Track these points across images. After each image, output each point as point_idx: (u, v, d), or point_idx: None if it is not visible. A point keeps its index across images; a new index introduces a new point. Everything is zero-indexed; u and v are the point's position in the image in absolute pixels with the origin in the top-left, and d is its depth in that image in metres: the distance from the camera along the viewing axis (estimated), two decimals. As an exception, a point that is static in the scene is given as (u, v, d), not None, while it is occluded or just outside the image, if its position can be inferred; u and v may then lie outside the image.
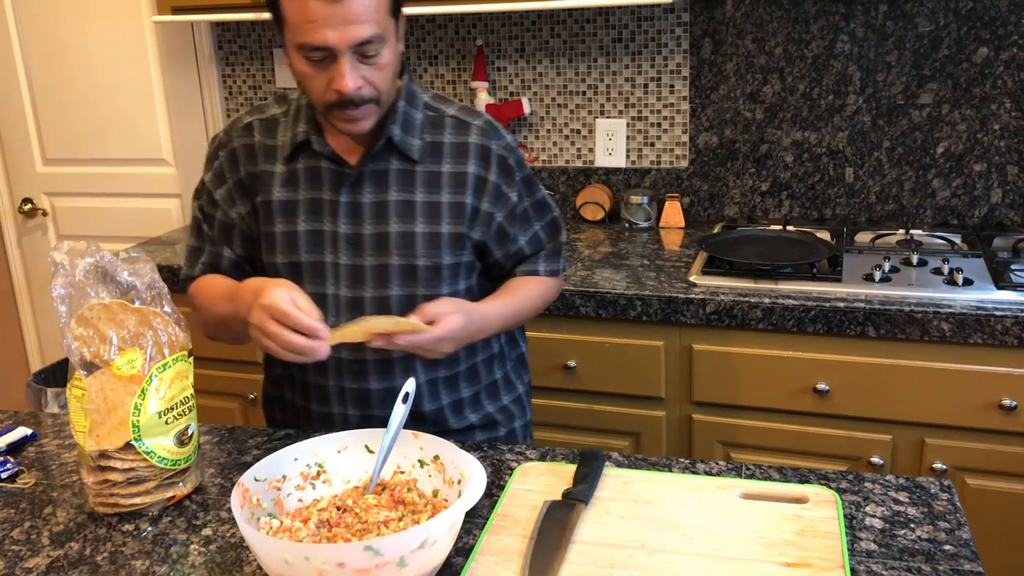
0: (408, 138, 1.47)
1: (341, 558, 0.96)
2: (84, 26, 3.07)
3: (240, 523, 1.01)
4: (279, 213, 1.50)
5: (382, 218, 1.47)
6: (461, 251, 1.51)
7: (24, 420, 1.58)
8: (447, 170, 1.49)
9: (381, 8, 1.34)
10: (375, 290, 1.48)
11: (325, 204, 1.48)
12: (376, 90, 1.38)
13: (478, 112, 1.55)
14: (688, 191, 2.67)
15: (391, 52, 1.38)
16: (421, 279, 1.48)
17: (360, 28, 1.31)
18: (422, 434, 1.21)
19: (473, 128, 1.52)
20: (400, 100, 1.48)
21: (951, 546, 1.13)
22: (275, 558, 0.98)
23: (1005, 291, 1.97)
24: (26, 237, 3.39)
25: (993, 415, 1.93)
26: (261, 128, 1.54)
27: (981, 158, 2.42)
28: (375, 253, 1.48)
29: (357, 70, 1.35)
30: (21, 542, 1.22)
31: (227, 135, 1.56)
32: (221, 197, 1.55)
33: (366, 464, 1.21)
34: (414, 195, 1.48)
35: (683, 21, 2.56)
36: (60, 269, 1.24)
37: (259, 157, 1.52)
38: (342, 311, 1.48)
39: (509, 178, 1.53)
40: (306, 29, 1.31)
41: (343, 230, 1.48)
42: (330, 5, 1.29)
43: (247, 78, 3.03)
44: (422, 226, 1.48)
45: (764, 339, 2.04)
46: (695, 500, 1.22)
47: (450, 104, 1.55)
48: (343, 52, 1.32)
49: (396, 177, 1.48)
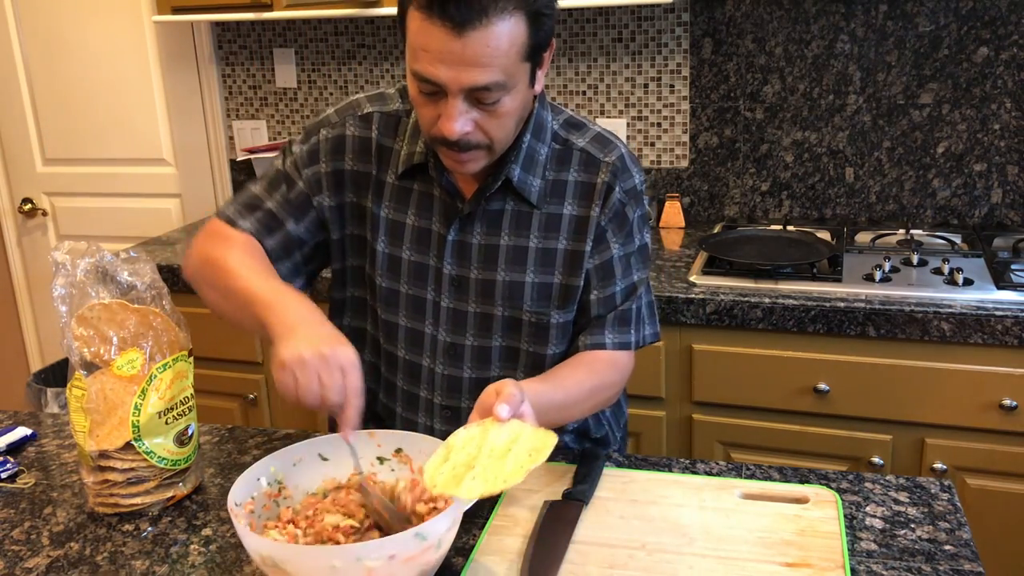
0: (529, 178, 1.33)
1: (393, 550, 0.97)
2: (84, 26, 3.07)
3: (267, 547, 0.98)
4: (384, 231, 1.38)
5: (491, 263, 1.35)
6: (572, 306, 1.37)
7: (24, 420, 1.58)
8: (569, 213, 1.34)
9: (512, 53, 1.15)
10: (476, 339, 1.38)
11: (433, 237, 1.36)
12: (488, 138, 1.23)
13: (614, 144, 1.37)
14: (688, 191, 2.67)
15: (516, 100, 1.21)
16: (525, 334, 1.37)
17: (478, 73, 1.14)
18: (378, 431, 1.19)
19: (603, 166, 1.34)
20: (526, 134, 1.31)
21: (951, 546, 1.13)
22: (321, 566, 0.96)
23: (1005, 291, 1.97)
24: (26, 237, 3.39)
25: (993, 415, 1.93)
26: (381, 123, 1.38)
27: (981, 158, 2.42)
28: (479, 300, 1.37)
29: (468, 114, 1.19)
30: (21, 542, 1.22)
31: (340, 116, 1.40)
32: (307, 177, 1.39)
33: (324, 471, 1.18)
34: (528, 240, 1.34)
35: (683, 21, 2.56)
36: (60, 269, 1.24)
37: (373, 158, 1.38)
38: (439, 355, 1.40)
39: (619, 227, 1.36)
40: (420, 57, 1.16)
41: (448, 270, 1.36)
42: (450, 39, 1.12)
43: (247, 78, 3.03)
44: (532, 275, 1.35)
45: (764, 339, 2.04)
46: (695, 500, 1.22)
47: (585, 131, 1.37)
48: (455, 93, 1.16)
49: (511, 220, 1.34)
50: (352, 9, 2.52)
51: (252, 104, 3.05)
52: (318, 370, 1.08)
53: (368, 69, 2.89)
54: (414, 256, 1.38)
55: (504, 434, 1.09)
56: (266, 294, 1.21)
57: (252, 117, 3.06)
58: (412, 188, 1.37)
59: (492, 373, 1.40)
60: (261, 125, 3.06)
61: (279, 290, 1.23)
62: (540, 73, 1.25)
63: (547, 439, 1.08)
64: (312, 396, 1.08)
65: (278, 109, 3.03)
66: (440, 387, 1.41)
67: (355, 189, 1.40)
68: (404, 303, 1.39)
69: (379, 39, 2.84)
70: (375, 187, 1.39)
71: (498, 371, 1.40)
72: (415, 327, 1.40)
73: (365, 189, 1.39)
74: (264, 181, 1.42)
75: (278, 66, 2.97)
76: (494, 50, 1.13)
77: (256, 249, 1.35)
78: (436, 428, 1.43)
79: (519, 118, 1.26)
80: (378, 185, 1.38)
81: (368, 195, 1.39)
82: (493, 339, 1.38)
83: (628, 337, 1.39)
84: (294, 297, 1.21)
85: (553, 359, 1.40)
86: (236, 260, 1.29)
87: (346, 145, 1.38)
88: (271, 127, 3.05)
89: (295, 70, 2.96)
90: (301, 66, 2.95)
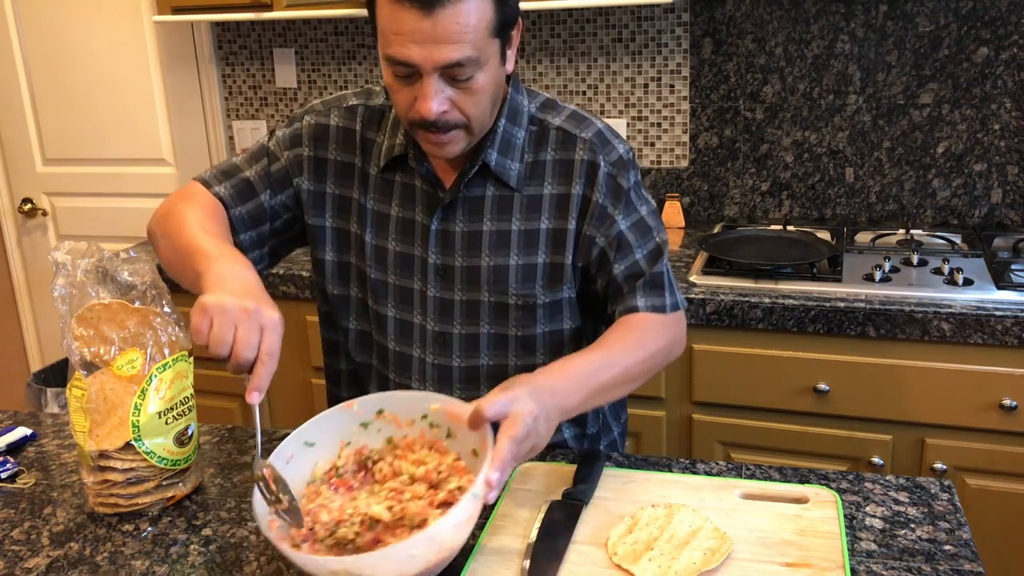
0: (507, 162, 1.34)
1: (456, 518, 0.99)
2: (84, 26, 3.07)
3: (339, 563, 0.96)
4: (371, 223, 1.40)
5: (474, 250, 1.36)
6: (559, 286, 1.37)
7: (24, 420, 1.58)
8: (549, 192, 1.35)
9: (480, 28, 1.19)
10: (464, 327, 1.39)
11: (417, 227, 1.38)
12: (465, 116, 1.24)
13: (589, 120, 1.38)
14: (688, 191, 2.67)
15: (489, 76, 1.23)
16: (513, 318, 1.38)
17: (450, 49, 1.17)
18: (356, 400, 1.18)
19: (579, 143, 1.35)
20: (501, 118, 1.33)
21: (951, 546, 1.13)
22: (401, 557, 0.96)
23: (1005, 291, 1.97)
24: (26, 237, 3.39)
25: (993, 415, 1.93)
26: (365, 116, 1.41)
27: (981, 158, 2.42)
28: (465, 287, 1.37)
29: (444, 92, 1.21)
30: (21, 542, 1.22)
31: (325, 107, 1.43)
32: (290, 157, 1.42)
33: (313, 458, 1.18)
34: (510, 224, 1.36)
35: (683, 21, 2.56)
36: (60, 269, 1.24)
37: (356, 150, 1.40)
38: (428, 345, 1.41)
39: (616, 199, 1.35)
40: (392, 40, 1.19)
41: (433, 259, 1.37)
42: (420, 19, 1.15)
43: (247, 78, 3.03)
44: (516, 258, 1.36)
45: (764, 339, 2.04)
46: (695, 500, 1.22)
47: (559, 111, 1.39)
48: (429, 72, 1.19)
49: (492, 205, 1.36)
50: (352, 9, 2.52)
51: (252, 104, 3.05)
52: (236, 321, 1.07)
53: (368, 69, 2.89)
54: (400, 247, 1.39)
55: (687, 523, 1.14)
56: (210, 249, 1.23)
57: (252, 117, 3.06)
58: (394, 180, 1.39)
59: (481, 361, 1.41)
60: (261, 125, 3.06)
61: (223, 248, 1.24)
62: (510, 52, 1.28)
63: (725, 541, 1.11)
64: (223, 346, 1.07)
65: (278, 109, 3.03)
66: (431, 377, 1.42)
67: (338, 180, 1.41)
68: (392, 294, 1.41)
69: (379, 39, 2.84)
70: (360, 178, 1.41)
71: (487, 359, 1.41)
72: (404, 318, 1.41)
73: (350, 180, 1.41)
74: (247, 154, 1.45)
75: (278, 66, 2.97)
76: (463, 26, 1.17)
77: (218, 210, 1.38)
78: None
79: (494, 96, 1.28)
80: (363, 177, 1.41)
81: (354, 187, 1.41)
82: (481, 326, 1.39)
83: (662, 300, 1.35)
84: (236, 257, 1.22)
85: (543, 339, 1.40)
86: (193, 217, 1.32)
87: (329, 134, 1.41)
88: (271, 127, 3.05)
89: (295, 70, 2.96)
90: (301, 66, 2.95)
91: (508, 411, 1.08)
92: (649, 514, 1.17)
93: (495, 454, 1.04)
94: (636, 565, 1.07)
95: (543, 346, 1.41)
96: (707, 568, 1.07)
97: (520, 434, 1.07)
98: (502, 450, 1.04)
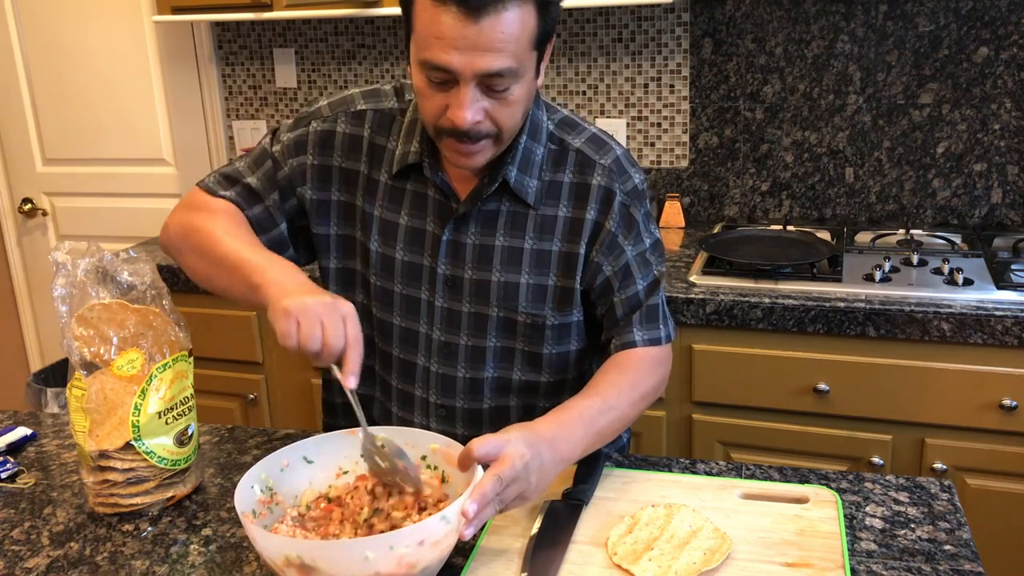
0: (525, 179, 1.32)
1: (422, 535, 0.98)
2: (84, 26, 3.07)
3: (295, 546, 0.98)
4: (377, 231, 1.38)
5: (485, 263, 1.35)
6: (569, 309, 1.37)
7: (24, 420, 1.58)
8: (564, 215, 1.34)
9: (523, 39, 1.16)
10: (471, 338, 1.38)
11: (427, 237, 1.36)
12: (497, 127, 1.22)
13: (609, 145, 1.37)
14: (688, 191, 2.67)
15: (524, 88, 1.21)
16: (521, 334, 1.37)
17: (492, 58, 1.14)
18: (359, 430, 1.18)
19: (598, 168, 1.33)
20: (522, 134, 1.31)
21: (951, 546, 1.13)
22: (356, 559, 0.96)
23: (1005, 291, 1.97)
24: (26, 237, 3.39)
25: (993, 415, 1.93)
26: (375, 121, 1.38)
27: (981, 158, 2.42)
28: (474, 300, 1.36)
29: (479, 102, 1.18)
30: (21, 542, 1.22)
31: (332, 111, 1.39)
32: (293, 165, 1.39)
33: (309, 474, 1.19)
34: (523, 241, 1.34)
35: (683, 21, 2.56)
36: (61, 269, 1.24)
37: (363, 156, 1.38)
38: (433, 354, 1.40)
39: (628, 229, 1.35)
40: (432, 44, 1.14)
41: (442, 270, 1.36)
42: (465, 24, 1.12)
43: (247, 78, 3.03)
44: (527, 276, 1.35)
45: (764, 339, 2.04)
46: (695, 500, 1.22)
47: (580, 131, 1.37)
48: (467, 80, 1.16)
49: (506, 220, 1.34)
50: (352, 9, 2.52)
51: (252, 104, 3.05)
52: (321, 316, 1.10)
53: (368, 69, 2.89)
54: (407, 256, 1.37)
55: (687, 523, 1.15)
56: (257, 259, 1.25)
57: (252, 117, 3.06)
58: (405, 188, 1.37)
59: (486, 373, 1.41)
60: (261, 125, 3.06)
61: (268, 256, 1.26)
62: (542, 65, 1.25)
63: (725, 541, 1.11)
64: (314, 341, 1.09)
65: (278, 109, 3.03)
66: (435, 386, 1.42)
67: (343, 187, 1.40)
68: (398, 303, 1.40)
69: (379, 39, 2.84)
70: (365, 185, 1.38)
71: (492, 371, 1.41)
72: (409, 326, 1.40)
73: (354, 187, 1.39)
74: (249, 159, 1.43)
75: (278, 66, 2.97)
76: (508, 36, 1.14)
77: (240, 217, 1.38)
78: (432, 427, 1.43)
79: (526, 108, 1.26)
80: (369, 183, 1.38)
81: (358, 193, 1.39)
82: (488, 339, 1.38)
83: (657, 332, 1.37)
84: (283, 261, 1.25)
85: (549, 359, 1.40)
86: (222, 228, 1.32)
87: (335, 142, 1.38)
88: (271, 127, 3.04)
89: (295, 70, 2.96)
90: (301, 66, 2.95)
91: (499, 453, 1.08)
92: (649, 514, 1.17)
93: (476, 487, 1.04)
94: (636, 565, 1.07)
95: (548, 365, 1.41)
96: (707, 568, 1.07)
97: (507, 475, 1.06)
98: (484, 484, 1.04)
